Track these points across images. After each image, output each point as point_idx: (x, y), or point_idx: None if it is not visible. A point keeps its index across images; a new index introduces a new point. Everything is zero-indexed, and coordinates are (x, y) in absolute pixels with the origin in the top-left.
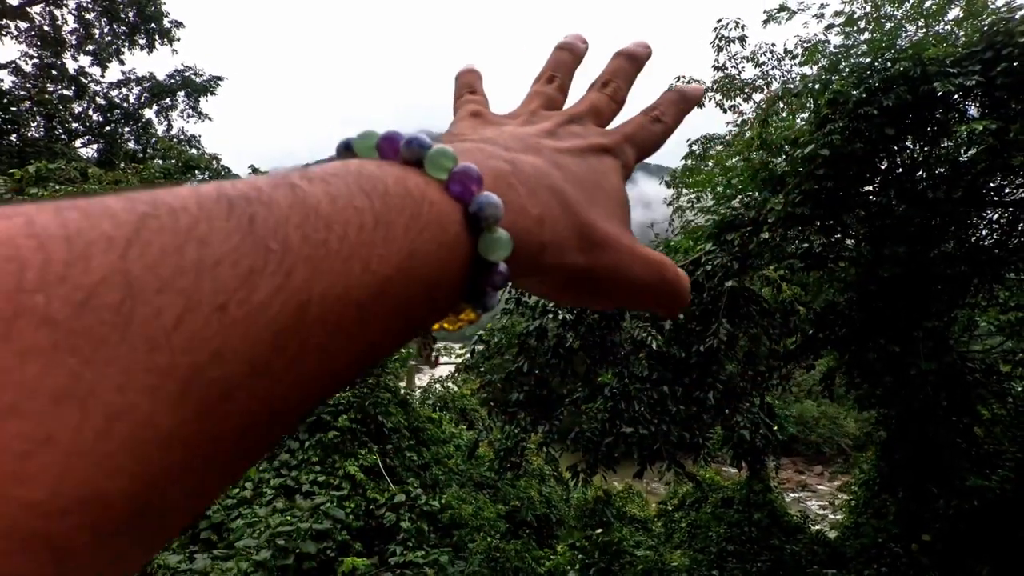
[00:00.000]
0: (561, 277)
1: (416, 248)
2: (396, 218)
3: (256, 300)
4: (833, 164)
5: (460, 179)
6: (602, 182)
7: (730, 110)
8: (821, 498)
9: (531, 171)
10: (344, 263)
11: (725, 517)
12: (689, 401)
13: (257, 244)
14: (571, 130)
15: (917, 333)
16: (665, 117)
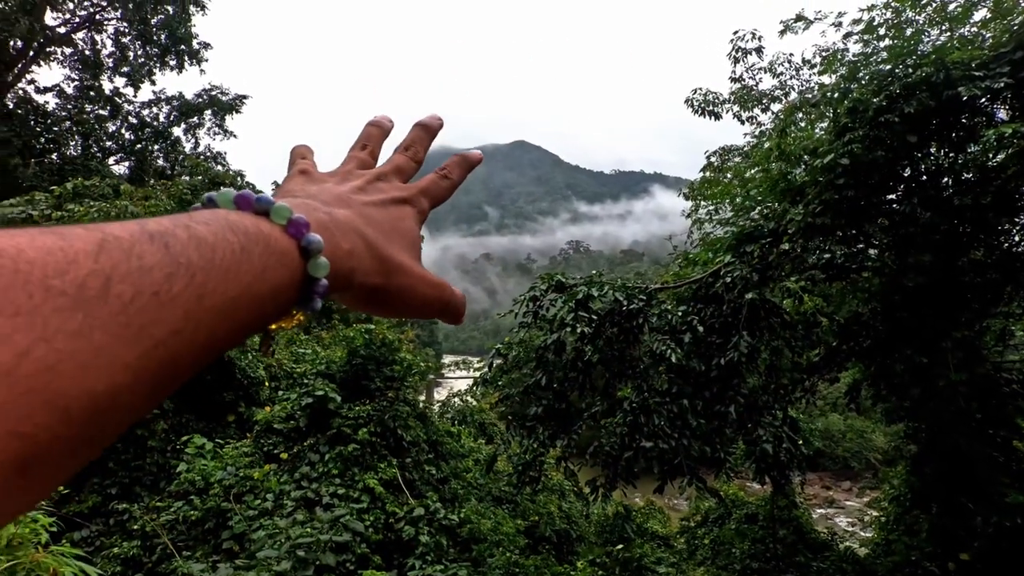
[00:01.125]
0: (365, 292)
1: (267, 266)
2: (254, 247)
3: (174, 291)
4: (854, 173)
5: (295, 224)
6: (399, 225)
7: (748, 121)
8: (850, 514)
9: (343, 219)
10: (224, 272)
11: (749, 533)
12: (710, 415)
13: (172, 259)
14: (377, 186)
15: (946, 343)
16: (452, 175)
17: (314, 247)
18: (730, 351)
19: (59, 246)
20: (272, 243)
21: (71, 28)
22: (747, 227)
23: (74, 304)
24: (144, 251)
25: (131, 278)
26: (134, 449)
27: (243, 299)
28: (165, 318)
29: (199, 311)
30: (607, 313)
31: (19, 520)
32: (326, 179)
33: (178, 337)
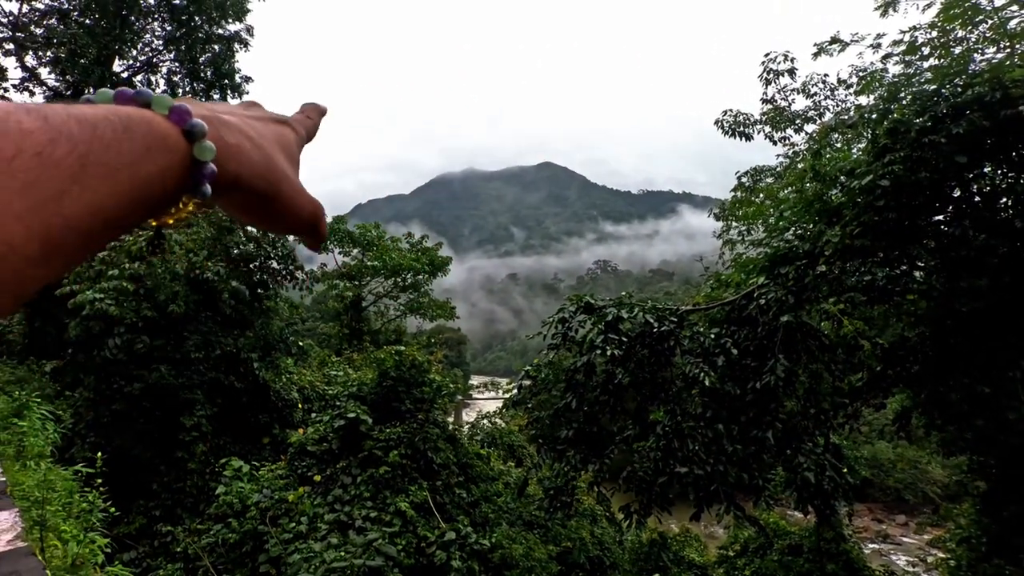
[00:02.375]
0: (252, 197)
1: (151, 146)
2: (136, 128)
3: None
4: (895, 194)
5: (177, 112)
6: (282, 139)
7: (780, 142)
8: (908, 552)
9: (229, 120)
10: (106, 146)
11: (794, 566)
12: (747, 440)
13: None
14: (261, 112)
15: (1014, 373)
16: (312, 116)
17: (198, 130)
18: (766, 374)
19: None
20: (155, 126)
21: (132, 72)
22: (781, 248)
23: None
24: (22, 119)
25: (10, 137)
26: (175, 472)
27: (127, 173)
28: (50, 176)
29: (83, 176)
30: (638, 335)
31: (81, 540)
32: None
33: (66, 197)
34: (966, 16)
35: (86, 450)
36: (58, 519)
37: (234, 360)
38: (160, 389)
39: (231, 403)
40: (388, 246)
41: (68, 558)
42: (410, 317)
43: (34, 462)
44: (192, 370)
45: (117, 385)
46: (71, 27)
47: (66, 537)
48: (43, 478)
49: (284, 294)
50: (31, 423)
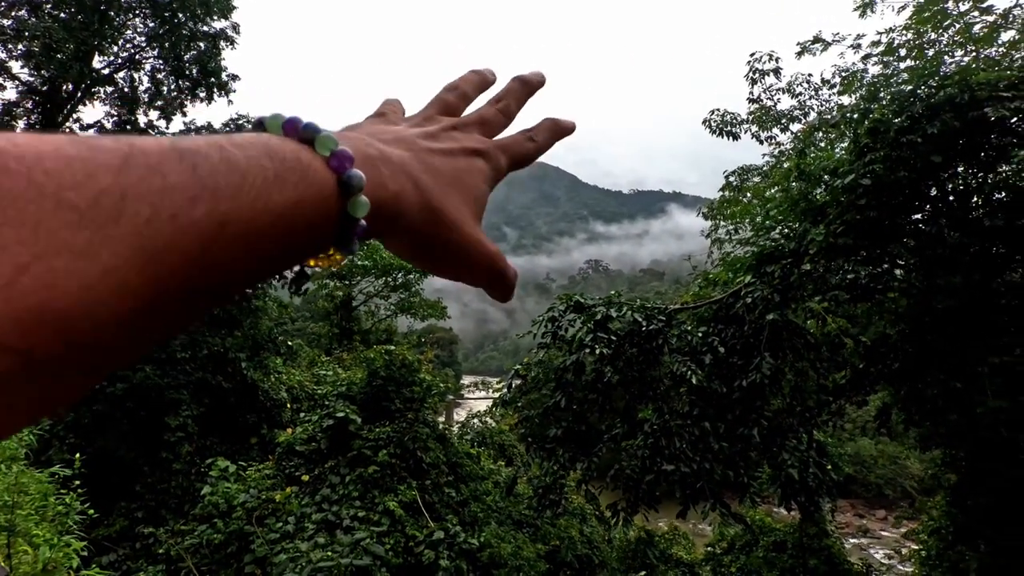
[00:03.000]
0: (412, 242)
1: (302, 198)
2: (289, 176)
3: (195, 215)
4: (876, 193)
5: (338, 157)
6: (464, 178)
7: (766, 141)
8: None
9: (396, 159)
10: (252, 200)
11: (778, 563)
12: (733, 438)
13: (198, 181)
14: (451, 135)
15: (982, 368)
16: (538, 138)
17: (355, 183)
18: (752, 372)
19: (82, 157)
20: (310, 174)
21: (114, 69)
22: (767, 247)
23: (83, 220)
24: (170, 169)
25: (150, 197)
26: (159, 473)
27: (270, 230)
28: (181, 243)
29: (220, 239)
30: (626, 334)
31: (54, 544)
32: (399, 121)
33: (194, 265)
34: (936, 20)
35: (64, 452)
36: (30, 523)
37: (222, 360)
38: (144, 389)
39: (218, 403)
40: (378, 245)
41: (39, 563)
42: (401, 317)
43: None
44: (178, 370)
45: (99, 386)
46: (44, 20)
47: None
48: (14, 481)
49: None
50: None
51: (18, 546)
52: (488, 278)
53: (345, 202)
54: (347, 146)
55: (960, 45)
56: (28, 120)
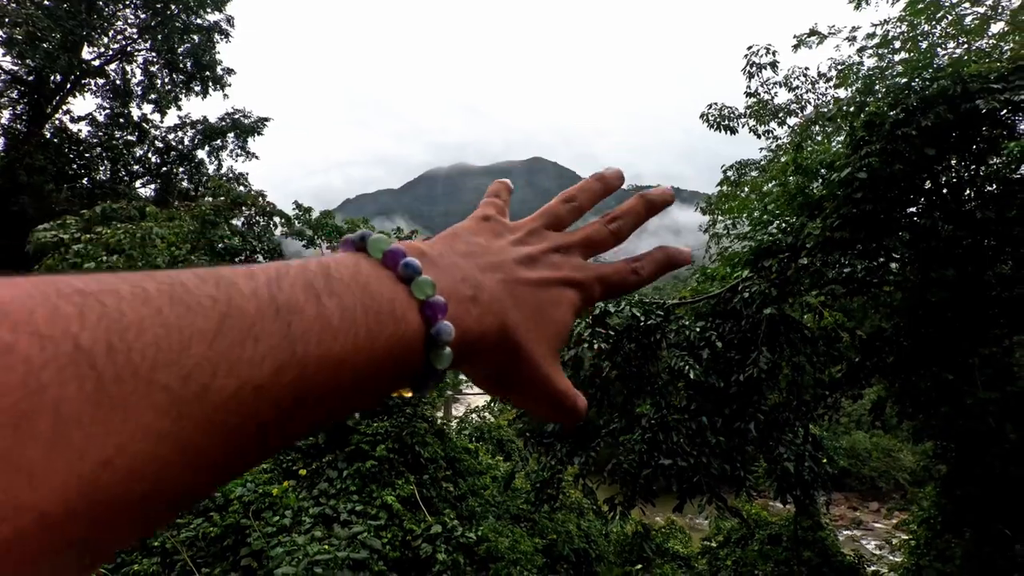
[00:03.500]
0: (486, 374)
1: (391, 352)
2: (380, 331)
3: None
4: (872, 187)
5: (431, 307)
6: (549, 311)
7: (764, 135)
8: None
9: (487, 297)
10: (337, 364)
11: (773, 555)
12: (730, 432)
13: (289, 346)
14: (551, 259)
15: (972, 360)
16: (643, 271)
17: (444, 338)
18: (749, 367)
19: (178, 325)
20: (403, 327)
21: (104, 60)
22: (765, 241)
23: (173, 402)
24: (263, 332)
25: (240, 369)
26: None
27: (351, 387)
28: (259, 412)
29: (298, 406)
30: (625, 329)
31: None
32: (502, 231)
33: (265, 432)
34: (929, 11)
35: None
36: None
37: None
38: None
39: None
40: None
41: None
42: None
43: None
44: None
45: None
46: (26, 6)
47: None
48: None
49: None
50: None
51: None
52: (555, 414)
53: (429, 352)
54: (441, 282)
55: (952, 37)
56: (13, 110)
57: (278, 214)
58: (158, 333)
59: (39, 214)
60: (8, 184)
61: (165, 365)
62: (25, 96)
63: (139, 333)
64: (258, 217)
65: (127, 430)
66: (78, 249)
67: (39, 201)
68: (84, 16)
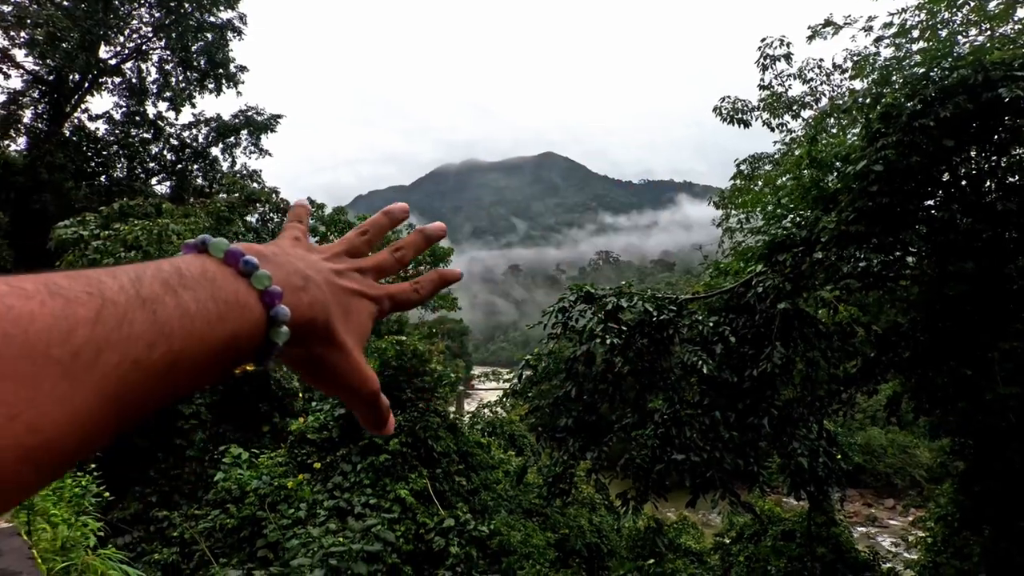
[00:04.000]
0: (309, 358)
1: (238, 331)
2: (230, 315)
3: (153, 358)
4: (888, 179)
5: (270, 294)
6: (356, 315)
7: (777, 128)
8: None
9: (314, 289)
10: (199, 341)
11: (786, 551)
12: (743, 427)
13: (157, 328)
14: (352, 276)
15: (992, 355)
16: (422, 290)
17: (281, 318)
18: (763, 362)
19: (63, 314)
20: (246, 311)
21: (121, 59)
22: (779, 236)
23: (66, 372)
24: (135, 318)
25: (119, 346)
26: (173, 458)
27: (210, 359)
28: (141, 382)
29: (171, 373)
30: (637, 324)
31: (72, 523)
32: (312, 250)
33: (149, 395)
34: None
35: None
36: (48, 503)
37: None
38: None
39: (231, 392)
40: (388, 237)
41: (57, 540)
42: None
43: None
44: None
45: None
46: (47, 7)
47: (55, 520)
48: None
49: None
50: None
51: (37, 524)
52: (365, 399)
53: (269, 331)
54: (276, 275)
55: (974, 24)
56: (35, 110)
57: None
58: (47, 321)
59: (60, 211)
60: (30, 182)
61: (58, 344)
62: (46, 95)
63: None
64: (272, 214)
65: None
66: (97, 245)
67: (59, 198)
68: (101, 15)
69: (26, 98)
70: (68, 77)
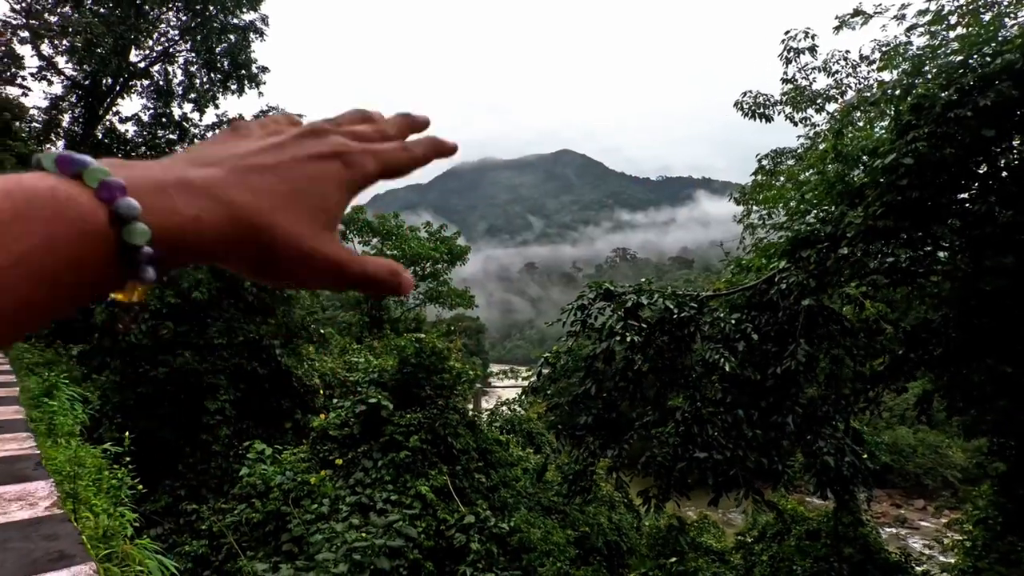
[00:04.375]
0: (244, 263)
1: (55, 233)
2: (34, 214)
3: None
4: (919, 173)
5: (107, 187)
6: (308, 187)
7: (801, 123)
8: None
9: (199, 181)
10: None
11: (811, 551)
12: (766, 425)
13: None
14: (304, 142)
15: None
16: (415, 150)
17: (124, 211)
18: (787, 359)
19: None
20: (68, 209)
21: (149, 62)
22: (803, 231)
23: None
24: None
25: None
26: (200, 453)
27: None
28: None
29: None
30: (657, 321)
31: (111, 513)
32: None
33: None
34: None
35: (113, 431)
36: (89, 493)
37: (257, 346)
38: (184, 374)
39: (254, 388)
40: (407, 235)
41: (100, 529)
42: (429, 306)
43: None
44: (215, 355)
45: (142, 369)
46: (85, 15)
47: (97, 510)
48: (73, 454)
49: None
50: (60, 403)
51: (81, 512)
52: (355, 284)
53: (122, 231)
54: (128, 175)
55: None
56: (72, 114)
57: None
58: None
59: None
60: None
61: None
62: (82, 100)
63: None
64: None
65: None
66: None
67: None
68: (132, 20)
69: (65, 103)
70: (102, 81)
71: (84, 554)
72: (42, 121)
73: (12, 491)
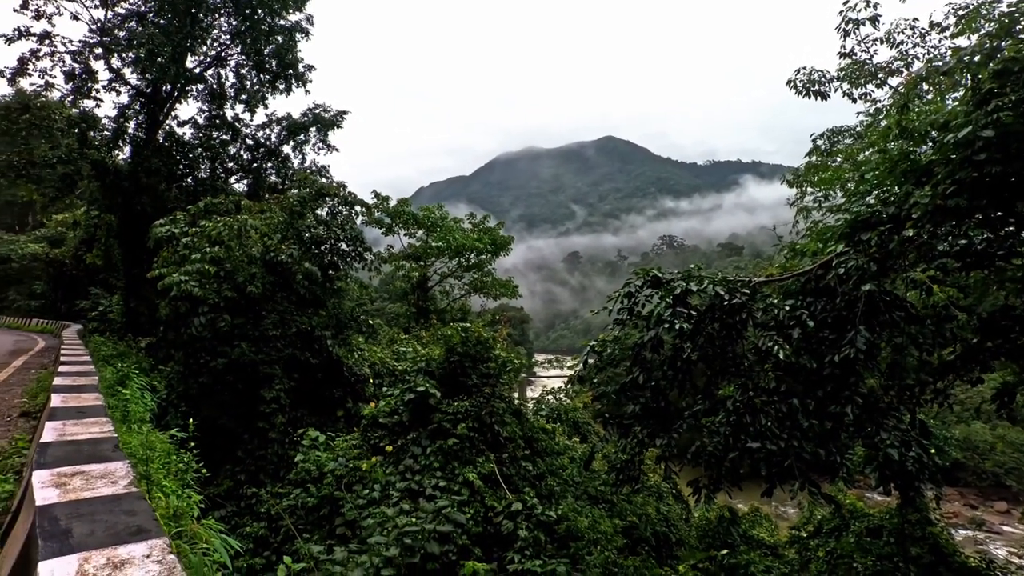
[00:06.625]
0: None
1: None
2: None
3: None
4: (1001, 146)
5: None
6: None
7: (860, 99)
8: (1011, 541)
9: None
10: None
11: (874, 548)
12: (823, 416)
13: None
14: None
15: None
16: None
17: None
18: (845, 347)
19: None
20: None
21: (203, 67)
22: (862, 213)
23: None
24: None
25: None
26: (257, 440)
27: None
28: None
29: None
30: (707, 308)
31: (179, 495)
32: None
33: None
34: None
35: (178, 418)
36: (159, 475)
37: (309, 337)
38: (242, 364)
39: (307, 378)
40: (451, 227)
41: (170, 508)
42: (474, 296)
43: (137, 425)
44: (270, 347)
45: (203, 360)
46: (148, 28)
47: (167, 491)
48: (145, 439)
49: (353, 275)
50: (132, 392)
51: (153, 492)
52: None
53: None
54: None
55: None
56: (136, 120)
57: (359, 203)
58: None
59: (155, 211)
60: (133, 187)
61: None
62: (144, 107)
63: None
64: (340, 207)
65: None
66: (186, 241)
67: (155, 200)
68: (188, 29)
69: (130, 110)
70: (162, 88)
71: (159, 529)
72: (111, 129)
73: (97, 469)
